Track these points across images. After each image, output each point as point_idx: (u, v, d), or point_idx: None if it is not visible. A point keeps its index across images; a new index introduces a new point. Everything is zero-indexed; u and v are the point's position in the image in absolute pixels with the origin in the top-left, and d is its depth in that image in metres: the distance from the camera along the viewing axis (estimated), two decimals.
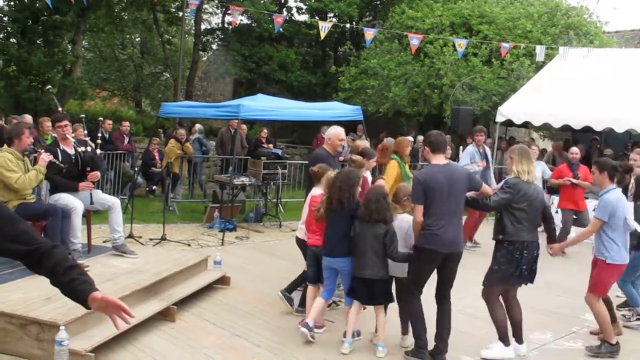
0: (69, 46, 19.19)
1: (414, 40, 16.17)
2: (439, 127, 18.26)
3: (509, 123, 14.80)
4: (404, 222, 5.59)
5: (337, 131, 7.22)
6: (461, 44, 16.22)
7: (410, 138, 9.80)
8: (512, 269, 5.42)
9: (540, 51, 15.37)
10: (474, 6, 18.94)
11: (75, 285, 2.63)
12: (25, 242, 2.64)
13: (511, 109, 13.70)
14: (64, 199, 6.83)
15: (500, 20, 17.95)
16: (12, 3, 16.46)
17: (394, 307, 5.76)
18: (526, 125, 15.52)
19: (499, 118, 13.77)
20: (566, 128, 13.87)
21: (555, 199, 11.01)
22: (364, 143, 8.01)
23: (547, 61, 15.60)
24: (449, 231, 5.24)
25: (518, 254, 5.39)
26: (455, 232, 5.32)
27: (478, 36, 17.79)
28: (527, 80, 15.46)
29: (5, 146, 6.77)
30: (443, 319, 5.45)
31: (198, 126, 15.22)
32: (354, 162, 6.57)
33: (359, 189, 5.66)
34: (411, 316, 5.49)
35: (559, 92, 13.55)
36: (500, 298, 5.63)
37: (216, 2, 24.31)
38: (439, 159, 5.42)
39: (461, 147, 14.67)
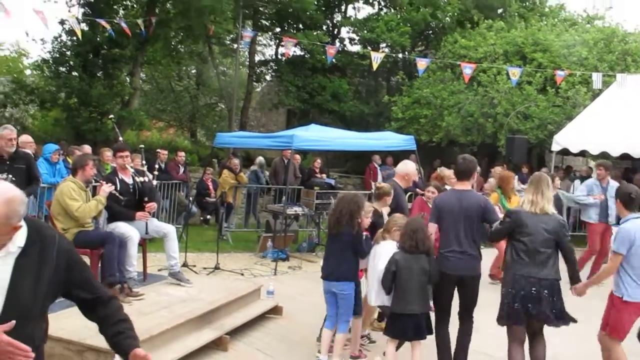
0: (127, 78, 19.80)
1: (467, 69, 16.11)
2: (494, 157, 18.03)
3: (565, 152, 14.51)
4: (387, 247, 5.60)
5: (414, 168, 7.46)
6: (515, 72, 16.07)
7: (511, 173, 9.96)
8: (510, 303, 5.12)
9: (597, 78, 15.09)
10: (527, 34, 18.76)
11: (121, 338, 2.84)
12: (89, 290, 2.87)
13: (567, 138, 13.45)
14: (121, 227, 6.97)
15: (554, 48, 17.70)
16: (74, 38, 17.07)
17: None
18: (583, 154, 15.20)
19: (555, 147, 13.52)
20: (625, 157, 13.53)
21: None
22: (450, 173, 8.32)
23: (604, 88, 15.28)
24: (458, 255, 5.36)
25: (511, 288, 5.13)
26: (466, 256, 5.37)
27: (532, 64, 17.57)
28: (584, 108, 15.15)
29: (70, 176, 7.07)
30: (462, 340, 5.54)
31: (259, 159, 15.23)
32: (379, 190, 6.60)
33: (362, 215, 5.57)
34: (437, 340, 5.51)
35: (617, 120, 13.20)
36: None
37: (270, 34, 24.70)
38: (462, 185, 5.63)
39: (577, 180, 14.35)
